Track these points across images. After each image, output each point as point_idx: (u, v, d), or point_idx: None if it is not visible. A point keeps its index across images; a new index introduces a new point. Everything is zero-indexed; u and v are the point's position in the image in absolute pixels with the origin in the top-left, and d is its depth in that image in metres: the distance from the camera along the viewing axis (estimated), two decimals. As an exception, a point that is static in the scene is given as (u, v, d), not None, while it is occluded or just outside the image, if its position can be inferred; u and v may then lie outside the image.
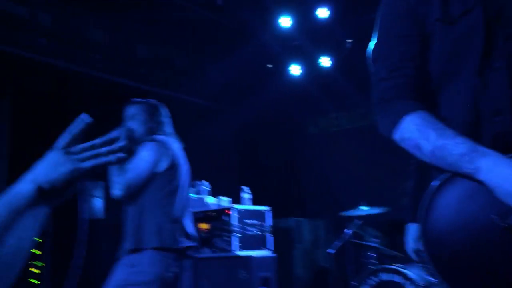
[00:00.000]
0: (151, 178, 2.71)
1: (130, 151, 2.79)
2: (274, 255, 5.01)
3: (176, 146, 2.93)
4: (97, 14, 5.47)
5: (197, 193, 5.44)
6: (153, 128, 2.91)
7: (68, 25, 5.26)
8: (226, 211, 4.86)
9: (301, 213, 6.03)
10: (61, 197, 0.91)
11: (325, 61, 6.28)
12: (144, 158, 2.71)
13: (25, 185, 0.87)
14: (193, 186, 5.45)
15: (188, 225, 2.82)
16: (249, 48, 5.85)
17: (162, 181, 2.73)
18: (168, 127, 3.02)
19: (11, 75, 5.30)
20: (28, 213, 0.83)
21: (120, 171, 2.63)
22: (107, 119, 2.63)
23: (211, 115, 7.07)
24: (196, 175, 5.66)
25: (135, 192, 2.72)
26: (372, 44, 1.40)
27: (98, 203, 5.71)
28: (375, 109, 1.39)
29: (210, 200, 5.36)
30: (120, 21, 5.67)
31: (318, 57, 6.31)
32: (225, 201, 5.32)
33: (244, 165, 7.27)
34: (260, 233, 5.02)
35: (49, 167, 0.89)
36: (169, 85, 6.29)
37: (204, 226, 4.98)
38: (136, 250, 2.61)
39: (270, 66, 6.65)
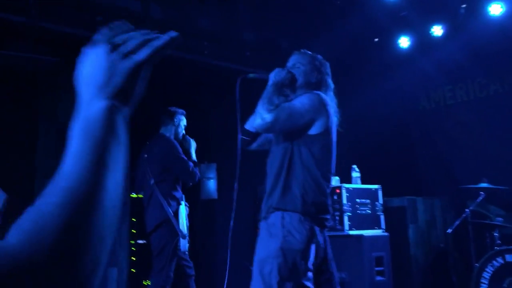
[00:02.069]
0: (302, 135, 2.48)
1: (285, 95, 2.58)
2: (386, 234, 4.90)
3: (333, 108, 2.66)
4: (205, 3, 5.66)
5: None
6: (315, 85, 2.65)
7: (178, 15, 5.51)
8: (336, 190, 4.83)
9: (414, 192, 5.80)
10: (131, 104, 0.75)
11: (437, 30, 5.91)
12: (303, 105, 2.47)
13: (98, 103, 0.70)
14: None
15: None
16: (354, 22, 5.68)
17: (314, 144, 2.48)
18: (332, 96, 2.71)
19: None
20: (111, 140, 0.68)
21: (272, 103, 2.41)
22: (216, 103, 2.66)
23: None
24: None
25: (279, 136, 2.54)
26: None
27: (211, 184, 5.97)
28: None
29: (319, 179, 5.35)
30: (227, 8, 5.82)
31: (429, 27, 5.96)
32: (334, 180, 5.29)
33: (353, 143, 7.14)
34: (371, 212, 4.92)
35: (106, 72, 0.72)
36: (275, 66, 6.33)
37: (314, 205, 4.99)
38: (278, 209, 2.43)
39: (377, 40, 6.42)
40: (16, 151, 5.91)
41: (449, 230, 4.83)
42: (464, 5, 5.56)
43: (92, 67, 0.74)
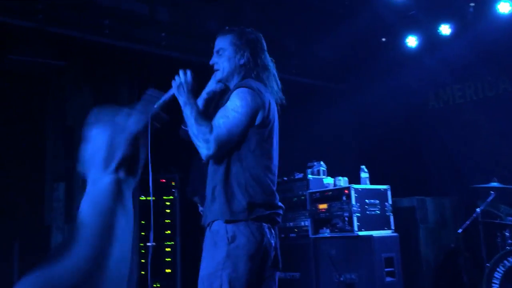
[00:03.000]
0: (245, 135, 2.20)
1: (219, 95, 2.36)
2: (396, 234, 4.87)
3: (272, 99, 2.34)
4: (211, 4, 5.65)
5: (315, 173, 5.45)
6: (245, 66, 2.33)
7: (184, 17, 5.51)
8: (345, 191, 4.80)
9: (424, 192, 5.76)
10: (136, 173, 0.80)
11: (445, 29, 5.87)
12: (237, 110, 2.17)
13: (104, 178, 0.76)
14: (310, 167, 5.47)
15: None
16: (361, 22, 5.66)
17: (251, 139, 2.21)
18: (269, 72, 2.39)
19: (134, 70, 5.71)
20: (119, 210, 0.74)
21: (204, 127, 2.14)
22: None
23: (326, 94, 7.00)
24: (313, 155, 5.69)
25: (226, 152, 2.23)
26: None
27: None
28: None
29: (328, 180, 5.33)
30: (232, 9, 5.81)
31: (437, 26, 5.92)
32: (342, 181, 5.26)
33: (361, 144, 7.12)
34: (380, 212, 4.89)
35: (107, 149, 0.79)
36: (280, 67, 6.32)
37: (322, 206, 4.97)
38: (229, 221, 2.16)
39: (384, 39, 6.39)
40: (25, 154, 5.93)
41: (460, 230, 4.79)
42: (472, 4, 5.52)
43: (94, 147, 0.80)
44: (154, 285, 5.94)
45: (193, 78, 2.26)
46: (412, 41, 6.23)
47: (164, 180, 6.22)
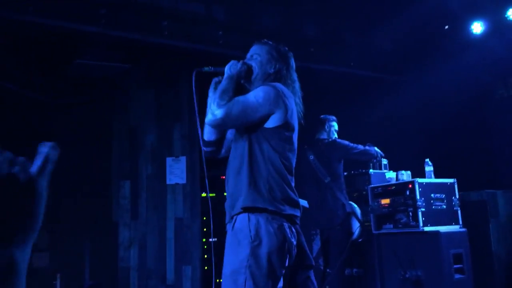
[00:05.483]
0: (259, 129, 2.30)
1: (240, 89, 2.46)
2: (464, 230, 4.67)
3: (295, 109, 2.43)
4: (267, 0, 5.66)
5: (376, 167, 5.34)
6: (274, 76, 2.48)
7: (241, 15, 5.54)
8: (409, 185, 4.67)
9: (494, 185, 5.48)
10: None
11: (514, 13, 5.56)
12: (258, 98, 2.29)
13: None
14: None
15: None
16: (422, 10, 5.46)
17: (273, 137, 2.30)
18: (294, 88, 2.52)
19: (194, 69, 5.81)
20: None
21: (225, 97, 2.27)
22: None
23: (386, 86, 6.83)
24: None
25: (237, 134, 2.39)
26: None
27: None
28: None
29: (390, 174, 5.21)
30: (289, 4, 5.78)
31: (504, 10, 5.61)
32: (406, 175, 5.12)
33: (425, 137, 6.88)
34: (447, 207, 4.71)
35: None
36: (339, 60, 6.23)
37: (385, 201, 4.86)
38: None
39: (447, 27, 6.13)
40: (93, 153, 6.20)
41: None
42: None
43: None
44: (217, 280, 6.02)
45: (245, 71, 2.46)
46: (477, 28, 5.94)
47: (224, 177, 6.29)
